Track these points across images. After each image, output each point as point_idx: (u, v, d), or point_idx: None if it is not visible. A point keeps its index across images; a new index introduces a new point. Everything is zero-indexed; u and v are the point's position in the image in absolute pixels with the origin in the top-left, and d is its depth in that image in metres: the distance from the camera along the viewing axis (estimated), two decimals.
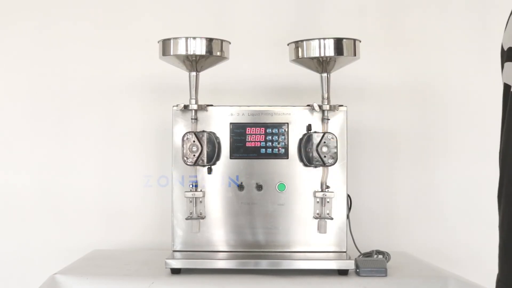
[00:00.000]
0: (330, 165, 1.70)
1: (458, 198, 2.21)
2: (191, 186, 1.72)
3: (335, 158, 1.70)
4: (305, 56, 1.70)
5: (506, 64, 1.07)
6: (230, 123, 1.75)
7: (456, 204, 2.21)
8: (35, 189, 2.21)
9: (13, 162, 2.22)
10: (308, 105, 1.74)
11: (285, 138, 1.74)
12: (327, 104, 1.72)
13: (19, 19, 2.22)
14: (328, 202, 1.72)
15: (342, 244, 1.74)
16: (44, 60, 2.22)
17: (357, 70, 2.01)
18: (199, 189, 1.72)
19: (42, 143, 2.22)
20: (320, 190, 1.72)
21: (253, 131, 1.75)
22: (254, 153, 1.74)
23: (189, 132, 1.70)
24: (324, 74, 1.74)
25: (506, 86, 1.07)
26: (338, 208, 1.73)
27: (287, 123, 1.74)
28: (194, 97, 1.72)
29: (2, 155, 2.22)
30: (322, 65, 1.71)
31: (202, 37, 1.66)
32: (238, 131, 1.74)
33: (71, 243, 2.17)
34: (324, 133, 1.71)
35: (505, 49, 1.09)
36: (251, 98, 2.17)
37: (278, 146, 1.74)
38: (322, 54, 1.67)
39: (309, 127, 1.74)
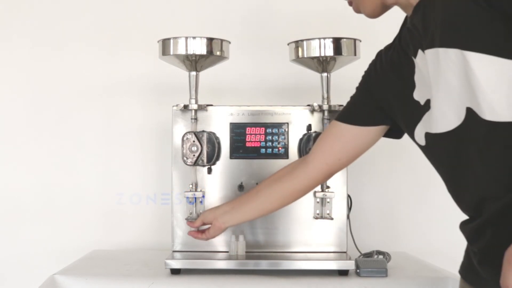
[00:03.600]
0: None
1: None
2: (191, 186, 1.72)
3: None
4: (305, 56, 1.69)
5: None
6: (230, 123, 1.74)
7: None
8: (35, 189, 2.21)
9: (13, 162, 2.22)
10: (308, 105, 1.73)
11: (285, 138, 1.74)
12: (327, 104, 1.72)
13: (20, 19, 2.22)
14: (328, 202, 1.72)
15: (342, 244, 1.74)
16: (43, 60, 2.22)
17: (357, 70, 2.00)
18: (199, 189, 1.72)
19: (42, 143, 2.21)
20: (320, 190, 1.72)
21: (253, 131, 1.74)
22: (254, 153, 1.74)
23: (189, 132, 1.70)
24: (324, 74, 1.74)
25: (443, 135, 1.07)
26: (338, 208, 1.73)
27: (287, 123, 1.74)
28: (194, 97, 1.71)
29: (1, 155, 2.22)
30: (322, 64, 1.71)
31: (202, 37, 1.66)
32: (238, 131, 1.74)
33: (71, 243, 2.17)
34: None
35: (422, 103, 1.11)
36: (251, 98, 2.17)
37: (278, 146, 1.74)
38: (322, 54, 1.67)
39: (309, 127, 1.73)
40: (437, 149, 1.10)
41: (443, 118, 1.04)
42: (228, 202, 1.60)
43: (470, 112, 0.99)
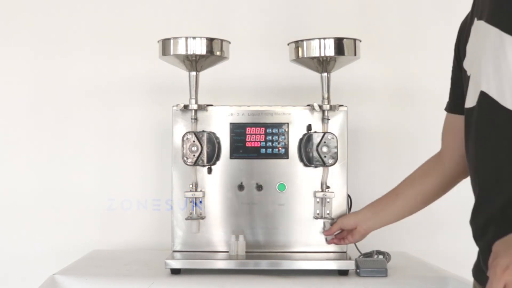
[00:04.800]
0: (330, 165, 1.70)
1: (458, 198, 2.20)
2: (191, 186, 1.72)
3: (335, 158, 1.69)
4: (305, 56, 1.69)
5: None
6: (230, 123, 1.74)
7: (456, 204, 2.20)
8: (35, 189, 2.21)
9: (13, 162, 2.22)
10: (308, 105, 1.73)
11: (285, 138, 1.74)
12: (327, 104, 1.72)
13: (20, 19, 2.22)
14: (328, 202, 1.72)
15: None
16: (43, 60, 2.22)
17: (357, 70, 2.00)
18: (199, 189, 1.72)
19: (42, 143, 2.21)
20: (320, 190, 1.72)
21: (253, 131, 1.74)
22: (254, 153, 1.74)
23: (189, 132, 1.70)
24: (324, 74, 1.74)
25: (467, 110, 1.06)
26: (338, 208, 1.73)
27: (287, 123, 1.74)
28: (194, 97, 1.71)
29: (1, 155, 2.22)
30: (322, 65, 1.71)
31: (202, 37, 1.66)
32: (238, 131, 1.74)
33: (71, 243, 2.17)
34: (324, 133, 1.70)
35: (468, 75, 1.09)
36: (251, 98, 2.17)
37: (278, 146, 1.74)
38: (322, 54, 1.67)
39: (309, 127, 1.73)
40: (465, 124, 1.08)
41: (469, 93, 1.02)
42: (367, 207, 1.65)
43: (484, 96, 0.96)
